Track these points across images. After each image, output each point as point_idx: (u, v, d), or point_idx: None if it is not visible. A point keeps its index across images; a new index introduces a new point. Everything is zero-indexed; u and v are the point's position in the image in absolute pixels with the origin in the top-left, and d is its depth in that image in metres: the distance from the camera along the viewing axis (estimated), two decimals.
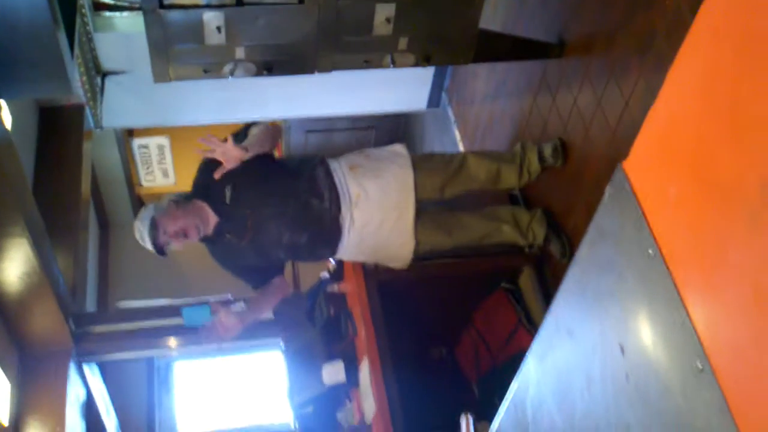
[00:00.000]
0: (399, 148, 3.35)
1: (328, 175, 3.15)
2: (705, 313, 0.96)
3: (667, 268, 1.01)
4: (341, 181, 3.15)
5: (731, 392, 0.93)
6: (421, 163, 3.32)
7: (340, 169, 3.19)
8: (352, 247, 3.22)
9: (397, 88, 5.13)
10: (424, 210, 3.33)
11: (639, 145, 1.06)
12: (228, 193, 3.03)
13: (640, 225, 1.05)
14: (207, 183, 3.08)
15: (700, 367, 0.97)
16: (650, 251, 1.04)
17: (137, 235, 3.01)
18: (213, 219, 3.05)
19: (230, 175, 3.01)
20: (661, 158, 1.02)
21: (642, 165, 1.06)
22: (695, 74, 0.96)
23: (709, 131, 0.93)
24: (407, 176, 3.22)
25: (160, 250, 2.99)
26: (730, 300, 0.92)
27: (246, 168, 3.02)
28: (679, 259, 0.99)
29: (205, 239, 3.09)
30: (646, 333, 1.09)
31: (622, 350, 1.16)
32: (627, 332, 1.14)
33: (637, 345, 1.12)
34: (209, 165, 3.08)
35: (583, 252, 1.23)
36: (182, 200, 3.05)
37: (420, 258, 3.40)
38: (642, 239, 1.05)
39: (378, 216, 3.17)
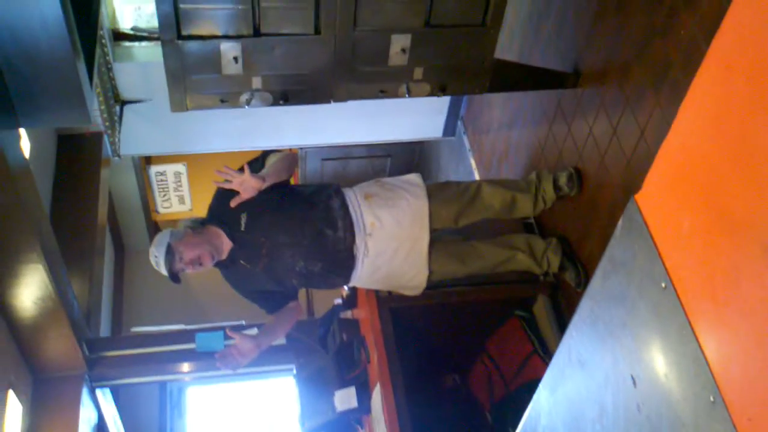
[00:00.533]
0: (414, 178, 3.36)
1: (343, 204, 3.16)
2: (717, 346, 0.96)
3: (680, 300, 1.01)
4: (356, 211, 3.16)
5: (743, 425, 0.92)
6: (436, 192, 3.32)
7: (355, 198, 3.20)
8: (366, 276, 3.23)
9: (413, 117, 5.16)
10: (438, 239, 3.33)
11: (652, 178, 1.06)
12: (243, 220, 3.05)
13: (653, 257, 1.05)
14: (222, 210, 3.09)
15: (712, 399, 0.96)
16: (663, 284, 1.03)
17: (152, 261, 3.01)
18: (227, 245, 3.06)
19: (246, 203, 3.03)
20: (674, 191, 1.02)
21: (655, 197, 1.06)
22: (708, 107, 0.96)
23: (721, 164, 0.93)
24: (422, 206, 3.23)
25: (175, 276, 3.01)
26: (743, 333, 0.92)
27: (261, 196, 3.04)
28: (691, 291, 0.99)
29: (219, 264, 3.10)
30: (658, 365, 1.09)
31: (634, 381, 1.15)
32: (639, 364, 1.14)
33: (650, 377, 1.12)
34: (225, 192, 3.10)
35: (595, 283, 1.23)
36: (198, 226, 3.06)
37: (433, 286, 3.39)
38: (654, 271, 1.05)
39: (392, 245, 3.17)
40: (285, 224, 3.08)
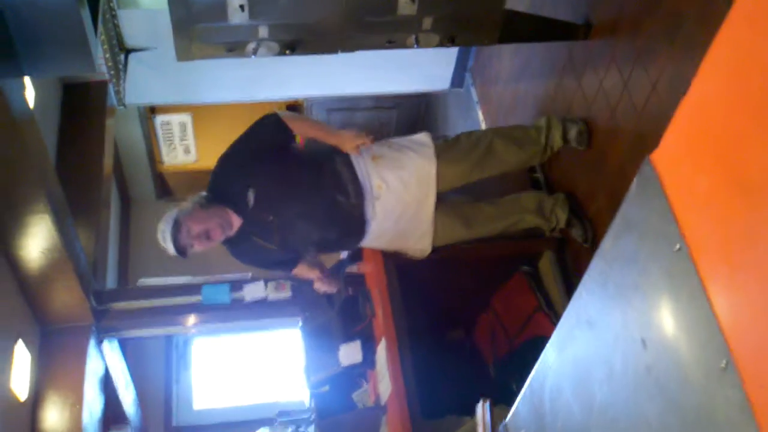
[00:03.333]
0: (423, 138, 3.29)
1: (350, 168, 3.11)
2: (731, 311, 0.94)
3: (694, 263, 0.99)
4: (363, 173, 3.11)
5: (754, 392, 0.91)
6: (446, 152, 3.26)
7: (362, 158, 3.15)
8: (374, 237, 3.22)
9: (420, 68, 5.10)
10: (445, 200, 3.30)
11: (669, 138, 1.04)
12: (251, 197, 3.01)
13: (668, 219, 1.02)
14: (226, 187, 3.05)
15: (723, 365, 0.95)
16: (677, 245, 1.01)
17: (159, 237, 2.96)
18: (237, 222, 3.02)
19: (251, 177, 2.99)
20: (692, 152, 1.00)
21: (671, 158, 1.03)
22: (729, 67, 0.93)
23: (741, 125, 0.90)
24: (429, 168, 3.18)
25: (182, 251, 2.95)
26: (757, 298, 0.90)
27: (265, 170, 3.00)
28: (706, 254, 0.97)
29: (228, 241, 3.07)
30: (669, 328, 1.07)
31: (644, 344, 1.14)
32: (650, 326, 1.12)
33: (660, 339, 1.10)
34: (226, 168, 3.06)
35: (607, 243, 1.21)
36: (206, 203, 3.01)
37: (439, 249, 3.38)
38: (669, 233, 1.02)
39: (398, 208, 3.15)
40: (295, 197, 3.03)
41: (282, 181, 3.04)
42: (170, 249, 2.94)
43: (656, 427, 1.13)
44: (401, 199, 3.14)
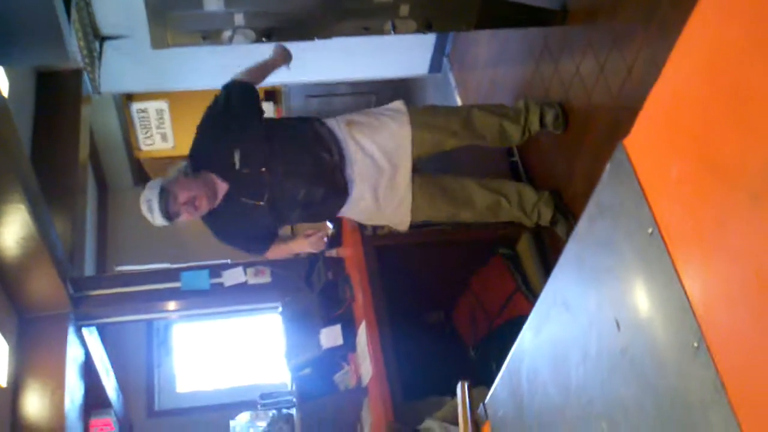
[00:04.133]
0: (398, 105, 3.30)
1: (330, 131, 3.13)
2: (702, 293, 0.96)
3: (666, 246, 1.00)
4: (341, 137, 3.13)
5: (726, 371, 0.93)
6: (423, 117, 3.26)
7: (338, 125, 3.17)
8: (355, 200, 3.19)
9: (398, 54, 5.09)
10: (425, 172, 3.29)
11: (641, 123, 1.05)
12: (237, 156, 2.99)
13: (640, 203, 1.04)
14: (209, 152, 3.03)
15: (695, 345, 0.97)
16: (649, 229, 1.03)
17: (144, 207, 2.92)
18: (223, 188, 3.00)
19: (233, 140, 2.98)
20: (663, 137, 1.01)
21: (643, 143, 1.05)
22: (701, 52, 0.94)
23: (713, 111, 0.92)
24: (404, 132, 3.19)
25: (170, 218, 2.92)
26: (728, 280, 0.92)
27: (247, 129, 2.99)
28: (678, 238, 0.99)
29: (211, 213, 3.05)
30: (642, 310, 1.09)
31: (618, 326, 1.16)
32: (624, 308, 1.14)
33: (634, 321, 1.12)
34: (205, 134, 3.05)
35: (582, 227, 1.23)
36: (191, 171, 3.00)
37: (419, 225, 3.38)
38: (641, 217, 1.04)
39: (374, 172, 3.14)
40: (282, 153, 3.03)
41: (266, 138, 3.03)
42: (157, 218, 2.91)
43: (631, 407, 1.15)
44: (376, 163, 3.14)
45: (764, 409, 0.87)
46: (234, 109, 3.03)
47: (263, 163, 3.00)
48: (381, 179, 3.15)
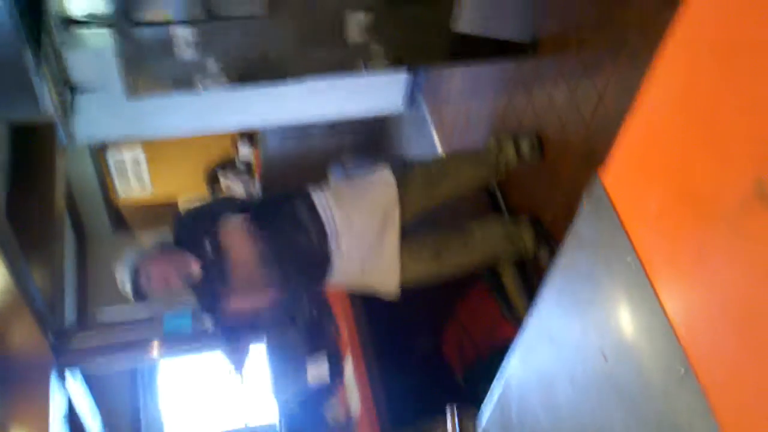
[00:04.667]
0: (387, 176, 3.24)
1: (311, 208, 3.06)
2: (685, 320, 0.96)
3: (647, 275, 1.01)
4: (324, 212, 3.07)
5: (713, 396, 0.93)
6: (410, 188, 3.23)
7: (323, 197, 3.11)
8: (340, 275, 3.16)
9: (372, 92, 5.13)
10: (412, 233, 3.27)
11: (615, 154, 1.06)
12: (207, 245, 2.94)
13: (618, 234, 1.05)
14: (185, 234, 2.99)
15: (682, 371, 0.97)
16: (629, 259, 1.04)
17: (119, 282, 2.90)
18: (196, 267, 2.94)
19: (205, 226, 2.95)
20: (638, 167, 1.02)
21: (618, 174, 1.06)
22: (672, 83, 0.96)
23: (686, 141, 0.93)
24: (391, 198, 3.16)
25: (141, 295, 2.89)
26: (710, 307, 0.92)
27: (221, 220, 2.97)
28: (658, 267, 1.00)
29: (194, 288, 3.02)
30: (627, 339, 1.10)
31: (604, 355, 1.16)
32: (608, 338, 1.15)
33: (619, 350, 1.13)
34: (188, 218, 3.04)
35: (562, 260, 1.23)
36: (167, 246, 2.95)
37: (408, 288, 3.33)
38: (620, 248, 1.05)
39: (360, 244, 3.10)
40: (255, 240, 2.96)
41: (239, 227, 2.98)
42: (128, 292, 2.90)
43: None
44: (362, 236, 3.10)
45: (752, 429, 0.87)
46: (214, 207, 3.04)
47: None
48: (369, 251, 3.14)
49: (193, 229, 2.98)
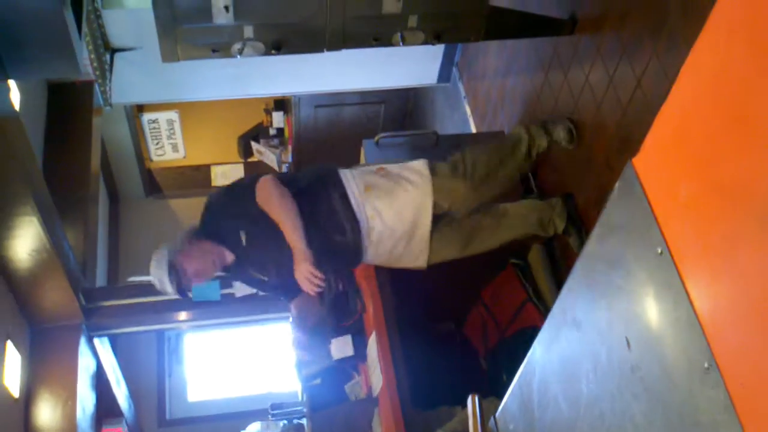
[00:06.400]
0: (421, 167, 3.15)
1: (345, 200, 3.02)
2: (713, 313, 0.96)
3: (676, 266, 1.00)
4: (357, 205, 3.04)
5: (737, 392, 0.93)
6: (444, 181, 3.14)
7: (356, 188, 3.06)
8: (369, 259, 3.19)
9: (407, 63, 5.10)
10: (446, 216, 3.23)
11: (650, 143, 1.05)
12: (243, 237, 2.96)
13: (650, 223, 1.04)
14: (218, 226, 3.01)
15: (706, 366, 0.97)
16: (659, 249, 1.03)
17: (156, 282, 2.93)
18: (230, 257, 3.00)
19: (242, 218, 2.95)
20: (672, 157, 1.01)
21: (652, 162, 1.05)
22: (709, 72, 0.94)
23: (720, 131, 0.92)
24: (425, 197, 3.08)
25: (183, 291, 2.96)
26: (738, 301, 0.92)
27: (255, 214, 2.93)
28: (688, 258, 0.99)
29: (224, 269, 3.06)
30: (653, 329, 1.09)
31: (629, 344, 1.16)
32: (634, 327, 1.14)
33: (644, 340, 1.12)
34: (220, 208, 3.02)
35: (591, 246, 1.23)
36: (195, 238, 2.97)
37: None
38: (651, 237, 1.04)
39: (393, 237, 3.09)
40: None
41: (273, 224, 2.93)
42: (171, 292, 2.93)
43: (642, 424, 1.15)
44: (396, 228, 3.08)
45: None
46: (244, 205, 3.00)
47: (267, 251, 2.99)
48: (400, 241, 3.13)
49: (224, 219, 3.00)
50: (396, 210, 3.07)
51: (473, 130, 4.93)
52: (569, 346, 1.39)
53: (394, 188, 3.09)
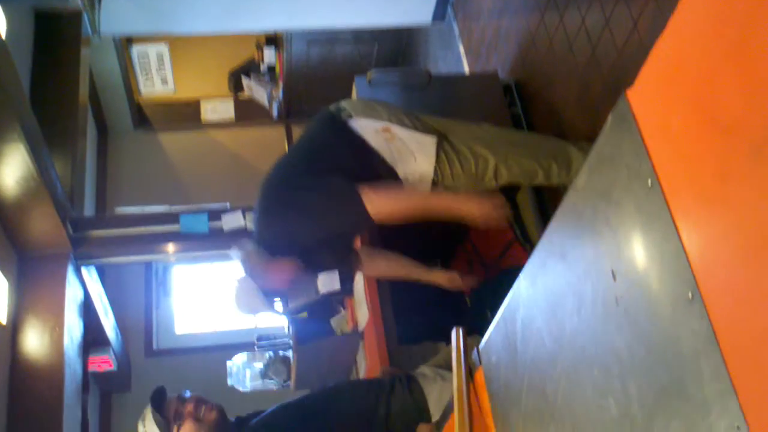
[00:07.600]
0: (429, 147, 2.98)
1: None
2: (700, 245, 0.97)
3: (665, 198, 1.01)
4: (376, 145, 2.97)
5: (719, 323, 0.94)
6: (444, 167, 3.01)
7: (375, 133, 2.96)
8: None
9: (402, 1, 5.03)
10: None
11: (644, 75, 1.05)
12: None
13: (641, 154, 1.04)
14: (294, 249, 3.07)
15: (690, 296, 0.98)
16: (649, 181, 1.03)
17: (241, 305, 3.04)
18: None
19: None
20: (667, 89, 1.01)
21: (646, 95, 1.05)
22: (706, 5, 0.93)
23: (717, 62, 0.92)
24: (427, 175, 3.01)
25: (271, 303, 3.07)
26: (726, 233, 0.93)
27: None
28: (677, 189, 0.99)
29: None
30: (639, 260, 1.10)
31: (614, 275, 1.17)
32: (620, 258, 1.15)
33: (629, 271, 1.13)
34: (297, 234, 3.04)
35: (581, 178, 1.23)
36: (270, 256, 3.04)
37: None
38: (641, 169, 1.04)
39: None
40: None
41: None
42: (265, 310, 3.08)
43: (624, 354, 1.17)
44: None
45: (755, 359, 0.88)
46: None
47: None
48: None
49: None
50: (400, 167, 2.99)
51: (466, 70, 4.89)
52: (554, 278, 1.40)
53: (397, 161, 2.99)
